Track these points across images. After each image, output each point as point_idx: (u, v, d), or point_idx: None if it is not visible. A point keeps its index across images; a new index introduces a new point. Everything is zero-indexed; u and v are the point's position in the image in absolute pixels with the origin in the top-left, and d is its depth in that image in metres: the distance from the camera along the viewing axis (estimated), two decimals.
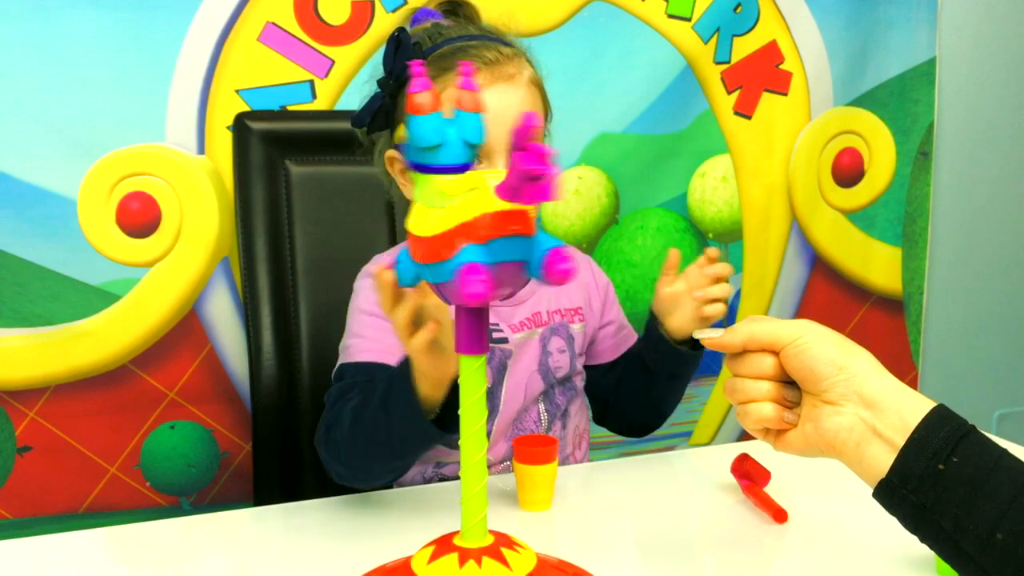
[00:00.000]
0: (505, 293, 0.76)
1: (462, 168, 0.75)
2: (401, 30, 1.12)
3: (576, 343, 1.27)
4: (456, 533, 0.80)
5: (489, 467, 1.01)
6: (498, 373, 1.21)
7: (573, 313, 1.27)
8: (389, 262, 1.16)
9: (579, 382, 1.29)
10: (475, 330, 0.77)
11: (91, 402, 1.62)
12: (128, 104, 1.57)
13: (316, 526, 1.00)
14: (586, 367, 1.30)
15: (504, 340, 1.21)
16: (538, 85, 1.17)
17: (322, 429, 1.09)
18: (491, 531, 0.80)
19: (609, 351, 1.32)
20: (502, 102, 1.10)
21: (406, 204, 1.24)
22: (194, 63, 1.60)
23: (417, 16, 1.19)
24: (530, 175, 0.68)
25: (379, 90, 1.16)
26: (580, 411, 1.30)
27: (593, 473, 1.17)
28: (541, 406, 1.24)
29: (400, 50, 1.12)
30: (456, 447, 0.82)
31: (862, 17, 1.98)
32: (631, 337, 1.33)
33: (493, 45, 1.13)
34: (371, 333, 1.15)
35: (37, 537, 1.05)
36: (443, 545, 0.79)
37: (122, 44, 1.55)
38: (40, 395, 1.61)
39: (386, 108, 1.16)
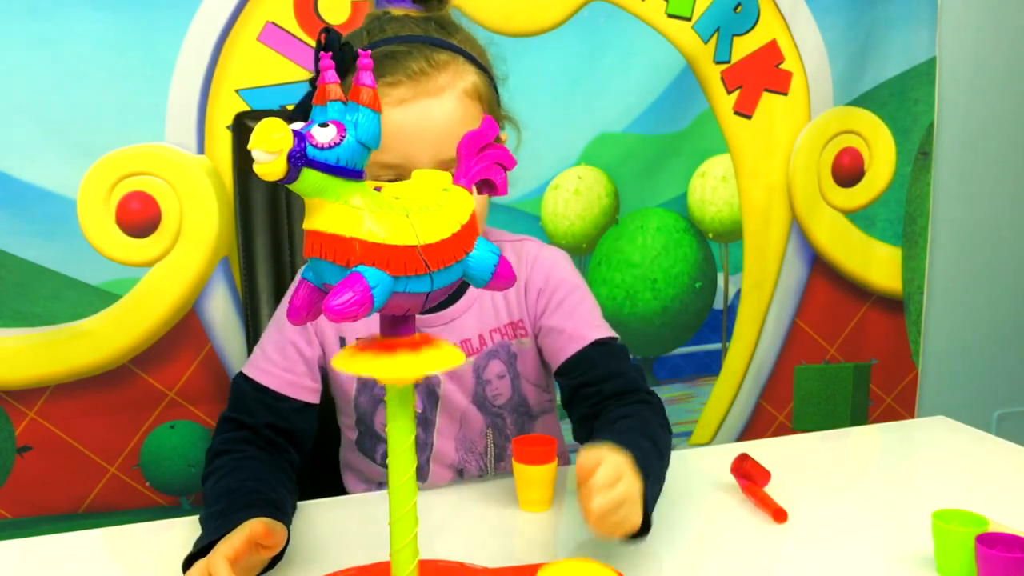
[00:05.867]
0: None
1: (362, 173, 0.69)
2: (327, 31, 1.03)
3: (521, 362, 1.15)
4: None
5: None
6: (428, 400, 1.14)
7: (513, 328, 1.14)
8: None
9: (544, 405, 1.19)
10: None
11: (91, 402, 1.62)
12: (128, 104, 1.57)
13: (316, 526, 1.00)
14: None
15: None
16: (477, 95, 1.06)
17: (209, 451, 1.07)
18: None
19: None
20: (424, 118, 1.02)
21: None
22: (194, 63, 1.60)
23: None
24: (499, 174, 0.73)
25: (309, 88, 1.07)
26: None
27: None
28: (489, 438, 1.17)
29: (323, 49, 1.02)
30: None
31: (862, 17, 1.98)
32: (569, 346, 1.11)
33: (423, 54, 1.03)
34: (279, 359, 1.11)
35: (37, 537, 1.05)
36: None
37: (122, 44, 1.55)
38: (40, 395, 1.60)
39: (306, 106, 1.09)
